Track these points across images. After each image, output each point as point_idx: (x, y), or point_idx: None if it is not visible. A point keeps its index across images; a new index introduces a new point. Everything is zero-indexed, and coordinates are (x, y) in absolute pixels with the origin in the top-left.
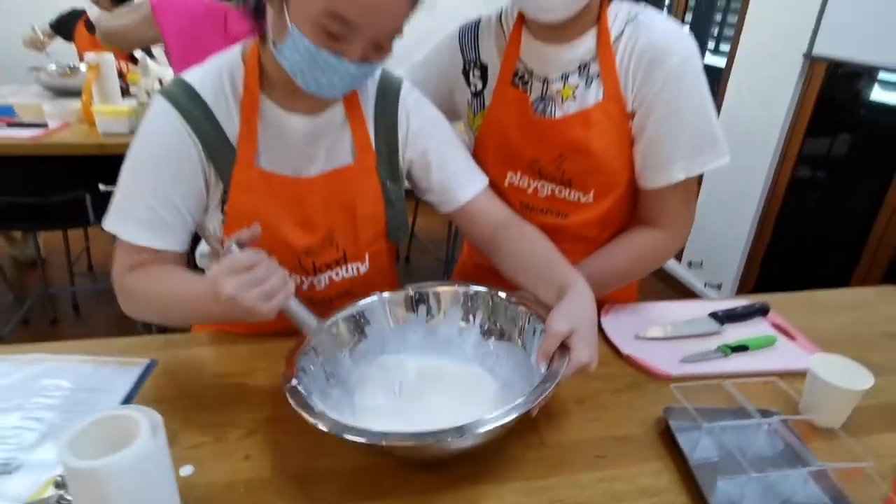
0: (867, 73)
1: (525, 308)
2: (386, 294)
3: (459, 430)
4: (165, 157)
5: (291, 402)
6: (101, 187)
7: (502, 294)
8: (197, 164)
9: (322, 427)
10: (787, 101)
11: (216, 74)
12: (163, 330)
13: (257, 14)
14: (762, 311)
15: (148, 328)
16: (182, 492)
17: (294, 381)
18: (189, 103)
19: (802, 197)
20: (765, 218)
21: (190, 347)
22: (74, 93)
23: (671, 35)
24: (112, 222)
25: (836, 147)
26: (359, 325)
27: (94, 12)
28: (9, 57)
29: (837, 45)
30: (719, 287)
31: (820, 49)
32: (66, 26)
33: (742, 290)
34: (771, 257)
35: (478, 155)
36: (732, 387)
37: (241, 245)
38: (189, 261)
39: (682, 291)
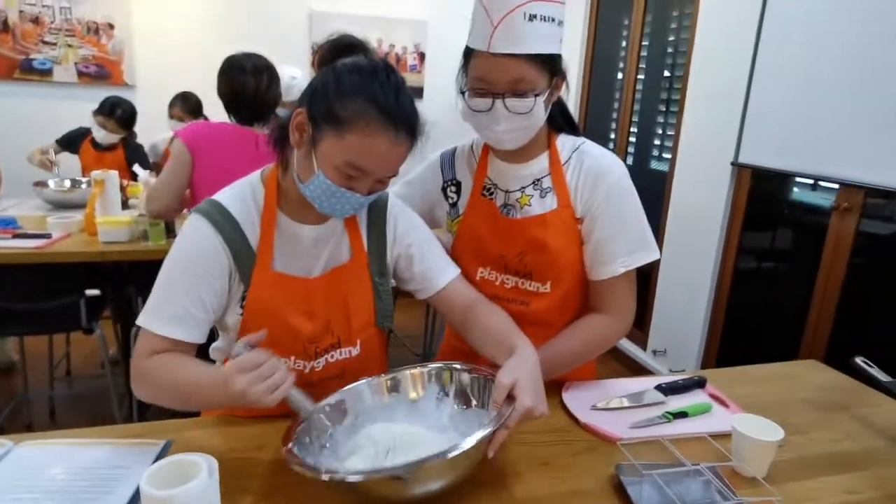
0: (788, 177)
1: (481, 375)
2: (373, 379)
3: (431, 458)
4: (199, 261)
5: (290, 458)
6: (87, 292)
7: (458, 365)
8: (225, 268)
9: (309, 474)
10: (723, 201)
11: (241, 194)
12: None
13: (281, 148)
14: (700, 383)
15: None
16: None
17: (292, 446)
18: (220, 218)
19: (747, 284)
20: (717, 304)
21: (201, 429)
22: (74, 206)
23: (608, 159)
24: (146, 318)
25: (771, 239)
26: (348, 406)
27: (100, 135)
28: (12, 172)
29: (757, 155)
30: (683, 371)
31: (744, 158)
32: (73, 143)
33: (704, 368)
34: (726, 340)
35: (455, 254)
36: (669, 443)
37: (250, 346)
38: (202, 351)
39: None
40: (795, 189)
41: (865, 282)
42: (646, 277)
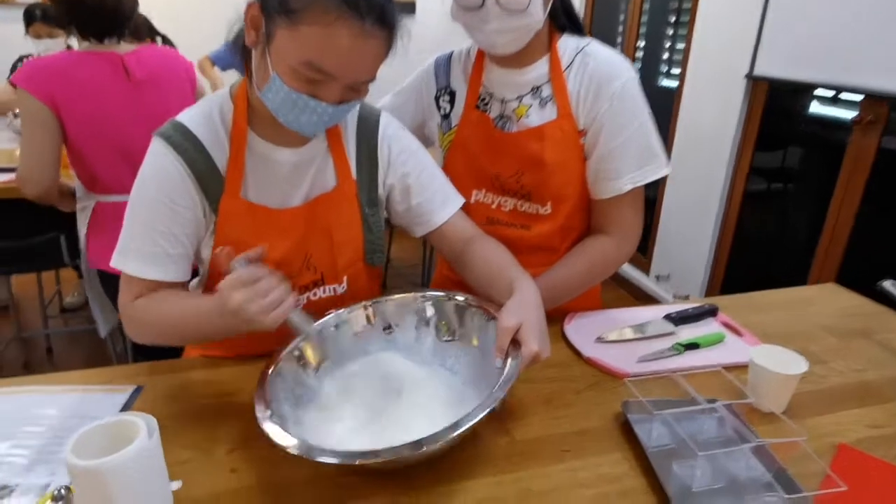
0: (805, 90)
1: (479, 310)
2: (343, 311)
3: (432, 438)
4: (164, 191)
5: (266, 431)
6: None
7: (459, 297)
8: (194, 196)
9: (294, 451)
10: (735, 117)
11: (207, 111)
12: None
13: (244, 54)
14: (711, 311)
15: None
16: None
17: (266, 411)
18: (182, 140)
19: (757, 206)
20: (724, 228)
21: (174, 373)
22: None
23: (615, 63)
24: (119, 260)
25: (784, 158)
26: (321, 343)
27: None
28: None
29: (775, 66)
30: (687, 297)
31: (760, 70)
32: None
33: (709, 294)
34: (733, 264)
35: (447, 174)
36: (681, 378)
37: (248, 262)
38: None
39: (652, 304)
40: (814, 103)
41: (884, 203)
42: (651, 200)
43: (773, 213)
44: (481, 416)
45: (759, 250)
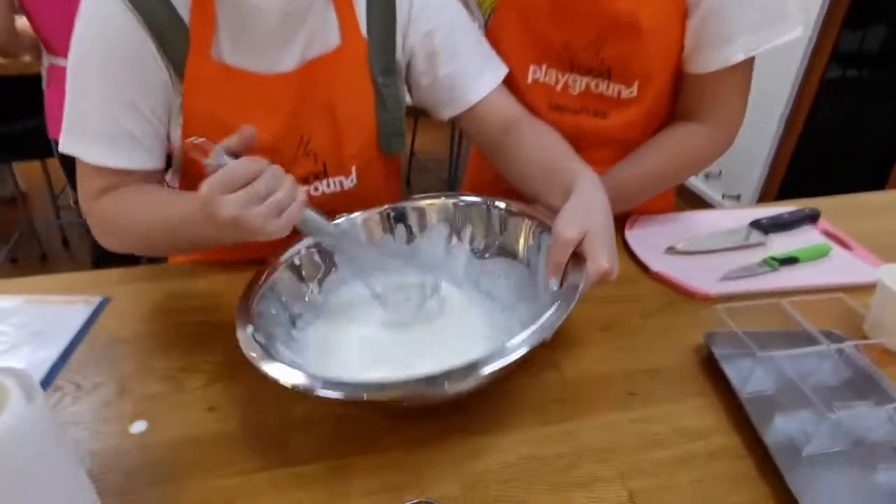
0: None
1: (528, 219)
2: (356, 214)
3: (457, 373)
4: (113, 51)
5: (248, 355)
6: None
7: (500, 203)
8: (153, 53)
9: (285, 383)
10: None
11: None
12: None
13: None
14: (812, 217)
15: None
16: (133, 452)
17: (251, 330)
18: None
19: (836, 98)
20: (792, 121)
21: (150, 281)
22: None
23: None
24: (68, 143)
25: (878, 40)
26: (327, 252)
27: None
28: None
29: None
30: (738, 198)
31: None
32: None
33: (763, 200)
34: (797, 165)
35: (492, 47)
36: (790, 306)
37: (233, 154)
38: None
39: (696, 205)
40: None
41: None
42: None
43: (855, 107)
44: (522, 352)
45: (831, 151)
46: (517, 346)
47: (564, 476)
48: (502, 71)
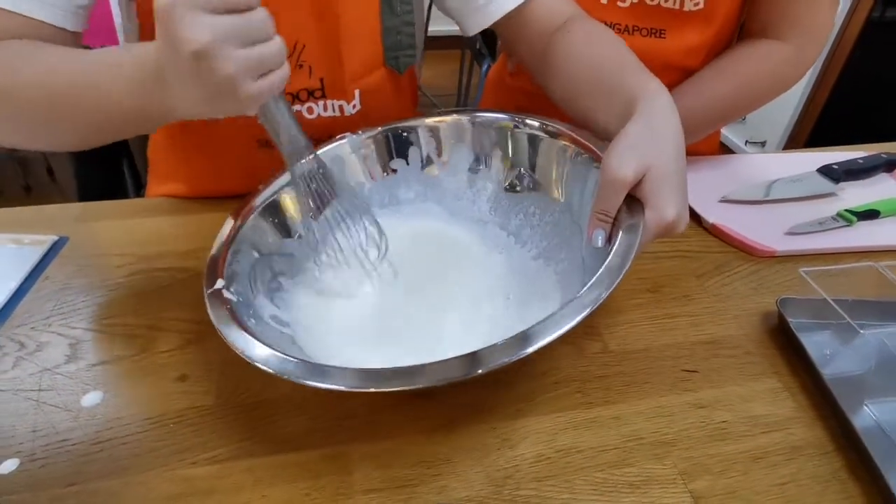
0: None
1: (572, 143)
2: (358, 134)
3: (473, 361)
4: None
5: (219, 328)
6: None
7: (534, 121)
8: None
9: (268, 369)
10: None
11: None
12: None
13: None
14: (891, 164)
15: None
16: (83, 429)
17: (223, 290)
18: None
19: (881, 41)
20: (829, 65)
21: (112, 219)
22: None
23: None
24: None
25: None
26: (324, 182)
27: None
28: None
29: None
30: (763, 144)
31: None
32: None
33: (790, 147)
34: (831, 110)
35: None
36: (888, 270)
37: None
38: None
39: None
40: None
41: None
42: None
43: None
44: (563, 330)
45: (869, 98)
46: (543, 333)
47: (612, 473)
48: None
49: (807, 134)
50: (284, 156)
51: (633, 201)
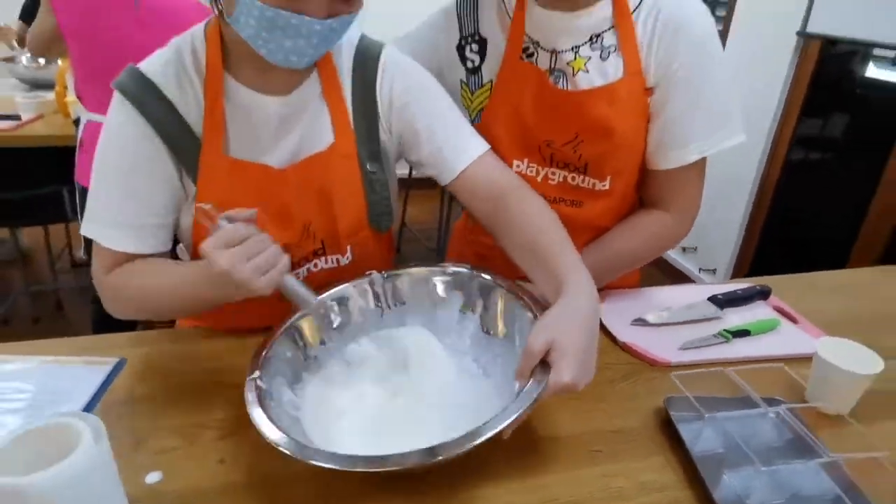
0: (862, 51)
1: (521, 303)
2: (382, 274)
3: (427, 453)
4: (129, 154)
5: (255, 421)
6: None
7: (491, 277)
8: (165, 159)
9: (284, 451)
10: (781, 80)
11: (177, 52)
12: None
13: None
14: (763, 294)
15: (131, 325)
16: (147, 501)
17: (256, 383)
18: (140, 92)
19: (797, 178)
20: (759, 200)
21: (161, 344)
22: (49, 85)
23: (693, 8)
24: (88, 228)
25: (831, 127)
26: (347, 305)
27: None
28: None
29: (831, 23)
30: (714, 272)
31: (814, 27)
32: (33, 13)
33: (737, 274)
34: (766, 240)
35: None
36: (735, 374)
37: (231, 221)
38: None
39: (676, 277)
40: (871, 65)
41: None
42: None
43: (815, 187)
44: (477, 442)
45: (796, 227)
46: (467, 440)
47: None
48: (481, 147)
49: (749, 262)
50: (300, 306)
51: (546, 364)
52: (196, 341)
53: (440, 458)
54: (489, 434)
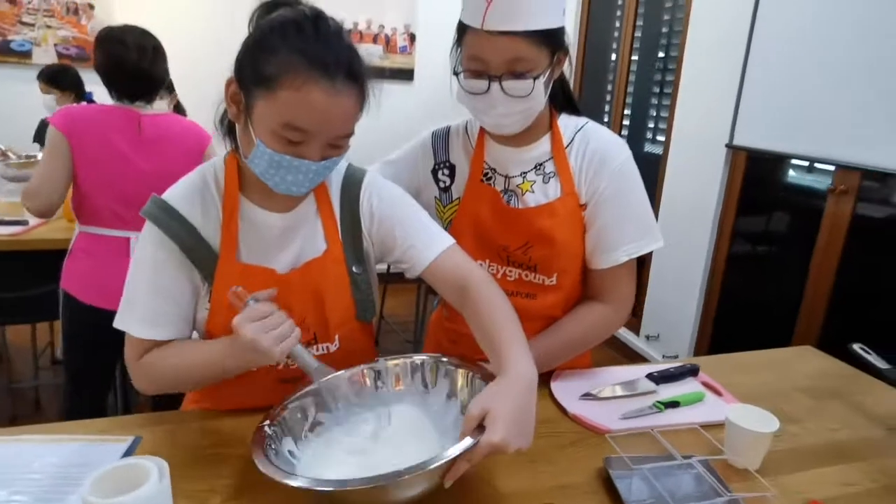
0: (783, 159)
1: (479, 376)
2: (386, 358)
3: (367, 481)
4: (159, 263)
5: (258, 465)
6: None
7: (464, 369)
8: (187, 268)
9: (263, 470)
10: (717, 184)
11: (202, 181)
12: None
13: (229, 133)
14: (692, 371)
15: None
16: None
17: (264, 452)
18: (166, 218)
19: (741, 269)
20: (710, 290)
21: (171, 424)
22: None
23: (614, 142)
24: (122, 320)
25: (765, 223)
26: (359, 384)
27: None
28: None
29: (752, 137)
30: (676, 357)
31: (739, 140)
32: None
33: (697, 354)
34: (720, 326)
35: None
36: (659, 434)
37: (257, 301)
38: None
39: (641, 363)
40: (791, 172)
41: (861, 266)
42: (639, 262)
43: (757, 275)
44: (401, 478)
45: (745, 312)
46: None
47: None
48: (447, 242)
49: (706, 346)
50: (309, 374)
51: (482, 427)
52: (202, 421)
53: (379, 483)
54: (419, 472)
